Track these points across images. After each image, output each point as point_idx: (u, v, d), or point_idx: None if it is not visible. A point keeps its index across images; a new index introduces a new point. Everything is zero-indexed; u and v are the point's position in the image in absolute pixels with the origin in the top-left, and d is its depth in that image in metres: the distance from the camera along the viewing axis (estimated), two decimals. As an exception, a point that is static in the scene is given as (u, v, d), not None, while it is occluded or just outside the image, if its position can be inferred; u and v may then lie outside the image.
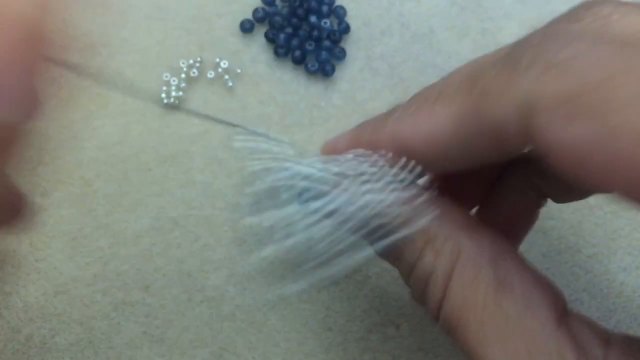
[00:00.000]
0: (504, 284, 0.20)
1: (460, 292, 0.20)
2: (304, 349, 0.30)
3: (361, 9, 0.33)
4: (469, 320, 0.20)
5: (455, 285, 0.20)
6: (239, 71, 0.32)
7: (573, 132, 0.16)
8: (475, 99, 0.19)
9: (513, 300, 0.19)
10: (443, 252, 0.21)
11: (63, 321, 0.29)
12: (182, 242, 0.30)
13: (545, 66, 0.17)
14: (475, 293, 0.20)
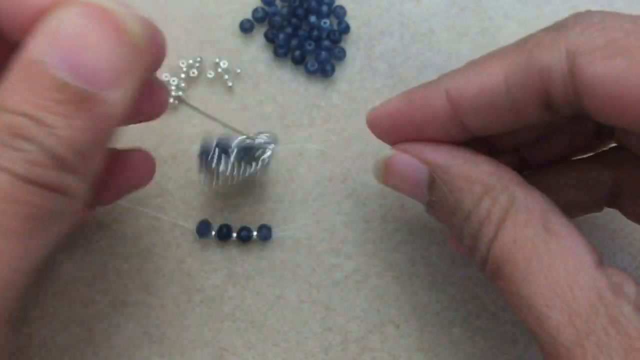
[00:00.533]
0: (552, 228, 0.22)
1: (512, 232, 0.22)
2: (304, 348, 0.30)
3: (361, 9, 0.33)
4: (518, 258, 0.21)
5: (508, 226, 0.22)
6: (239, 71, 0.32)
7: (611, 66, 0.20)
8: (527, 50, 0.22)
9: (558, 243, 0.21)
10: (499, 200, 0.23)
11: (62, 321, 0.29)
12: (182, 242, 0.30)
13: (587, 25, 0.21)
14: (525, 234, 0.22)
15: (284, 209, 0.31)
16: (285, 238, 0.31)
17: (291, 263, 0.30)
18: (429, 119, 0.25)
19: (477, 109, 0.23)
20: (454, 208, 0.24)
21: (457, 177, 0.24)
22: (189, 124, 0.31)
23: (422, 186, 0.25)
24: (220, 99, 0.32)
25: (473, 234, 0.23)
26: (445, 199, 0.24)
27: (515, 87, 0.22)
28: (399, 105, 0.25)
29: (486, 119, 0.24)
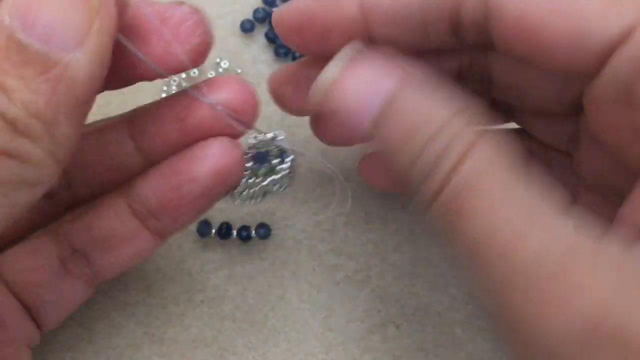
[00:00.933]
0: (522, 168, 0.19)
1: (478, 163, 0.19)
2: (305, 349, 0.30)
3: (362, 8, 0.33)
4: (483, 189, 0.18)
5: (473, 159, 0.19)
6: (240, 71, 0.32)
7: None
8: None
9: (529, 183, 0.18)
10: (464, 132, 0.19)
11: (63, 321, 0.29)
12: (183, 242, 0.30)
13: None
14: (494, 170, 0.19)
15: (285, 209, 0.31)
16: (286, 238, 0.31)
17: (292, 263, 0.30)
18: (336, 24, 0.23)
19: (387, 20, 0.22)
20: (408, 135, 0.20)
21: (412, 108, 0.20)
22: (190, 124, 0.31)
23: (377, 100, 0.21)
24: (221, 99, 0.32)
25: (427, 163, 0.19)
26: (399, 128, 0.20)
27: (428, 2, 0.22)
28: (307, 3, 0.23)
29: (395, 32, 0.22)
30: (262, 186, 0.28)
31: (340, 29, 0.23)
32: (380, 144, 0.21)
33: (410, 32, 0.22)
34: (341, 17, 0.23)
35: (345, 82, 0.21)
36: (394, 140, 0.20)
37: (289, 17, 0.24)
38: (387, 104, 0.20)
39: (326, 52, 0.22)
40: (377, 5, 0.22)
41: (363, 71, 0.21)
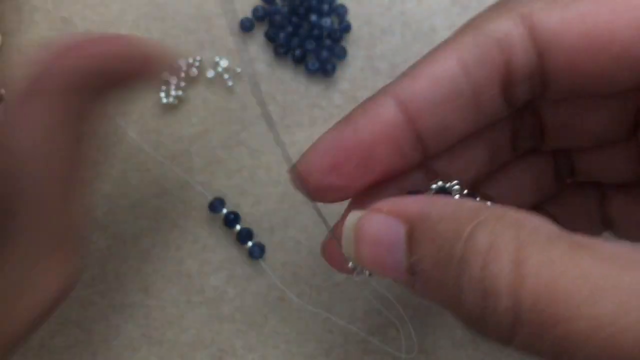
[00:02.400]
0: (576, 240, 0.16)
1: (538, 260, 0.15)
2: (305, 351, 0.30)
3: (362, 7, 0.33)
4: (565, 291, 0.15)
5: (531, 257, 0.15)
6: (239, 70, 0.32)
7: (571, 9, 0.18)
8: (479, 27, 0.20)
9: (594, 256, 0.15)
10: (504, 227, 0.16)
11: (61, 323, 0.29)
12: (182, 243, 0.30)
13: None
14: (552, 256, 0.15)
15: (285, 210, 0.31)
16: (286, 239, 0.30)
17: (292, 264, 0.30)
18: (379, 137, 0.20)
19: (432, 105, 0.20)
20: (445, 258, 0.17)
21: (441, 219, 0.17)
22: (189, 123, 0.31)
23: (400, 248, 0.18)
24: (220, 99, 0.32)
25: (479, 281, 0.16)
26: (430, 252, 0.17)
27: (473, 67, 0.20)
28: (336, 135, 0.21)
29: (444, 118, 0.20)
30: None
31: (385, 141, 0.20)
32: (421, 287, 0.18)
33: (460, 111, 0.20)
34: (381, 128, 0.20)
35: (364, 226, 0.19)
36: (431, 279, 0.17)
37: (319, 159, 0.21)
38: (409, 236, 0.18)
39: (372, 178, 0.21)
40: (417, 95, 0.20)
41: (377, 213, 0.19)
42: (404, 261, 0.18)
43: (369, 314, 0.30)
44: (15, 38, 0.32)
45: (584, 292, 0.14)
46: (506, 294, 0.15)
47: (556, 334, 0.15)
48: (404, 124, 0.20)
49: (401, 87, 0.20)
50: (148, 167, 0.31)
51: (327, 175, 0.21)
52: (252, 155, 0.31)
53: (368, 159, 0.21)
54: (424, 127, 0.20)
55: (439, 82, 0.20)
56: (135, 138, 0.31)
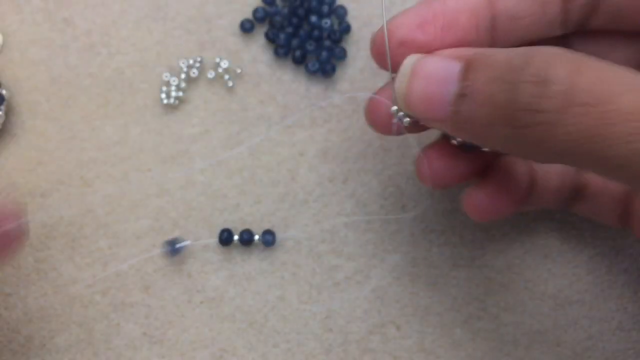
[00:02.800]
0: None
1: (594, 67, 0.19)
2: (304, 350, 0.30)
3: (362, 8, 0.33)
4: (616, 79, 0.19)
5: (586, 63, 0.19)
6: (239, 71, 0.32)
7: None
8: None
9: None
10: (560, 49, 0.20)
11: (62, 322, 0.29)
12: (182, 243, 0.30)
13: None
14: (609, 67, 0.19)
15: (285, 210, 0.31)
16: (286, 239, 0.31)
17: (292, 264, 0.30)
18: (463, 9, 0.24)
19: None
20: (503, 71, 0.20)
21: (497, 52, 0.21)
22: (189, 124, 0.31)
23: (453, 80, 0.21)
24: (221, 99, 0.32)
25: (539, 73, 0.19)
26: (485, 73, 0.21)
27: None
28: (427, 2, 0.24)
29: (517, 5, 0.24)
30: None
31: (468, 13, 0.24)
32: (467, 107, 0.21)
33: (531, 3, 0.24)
34: (467, 1, 0.24)
35: (422, 65, 0.22)
36: (483, 90, 0.20)
37: (409, 18, 0.24)
38: (465, 67, 0.21)
39: (450, 44, 0.23)
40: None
41: (436, 56, 0.23)
42: (454, 91, 0.21)
43: (369, 313, 0.30)
44: (16, 38, 0.32)
45: (629, 82, 0.18)
46: (565, 78, 0.19)
47: (605, 109, 0.18)
48: (486, 2, 0.24)
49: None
50: (149, 167, 0.31)
51: (413, 30, 0.24)
52: (252, 155, 0.31)
53: (451, 25, 0.24)
54: (501, 8, 0.24)
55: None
56: (137, 139, 0.31)
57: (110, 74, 0.32)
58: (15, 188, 0.26)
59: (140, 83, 0.32)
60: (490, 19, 0.24)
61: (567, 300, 0.30)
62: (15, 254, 0.25)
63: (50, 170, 0.31)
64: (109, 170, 0.31)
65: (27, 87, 0.31)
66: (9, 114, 0.31)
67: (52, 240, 0.30)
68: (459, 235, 0.31)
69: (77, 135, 0.31)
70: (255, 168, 0.31)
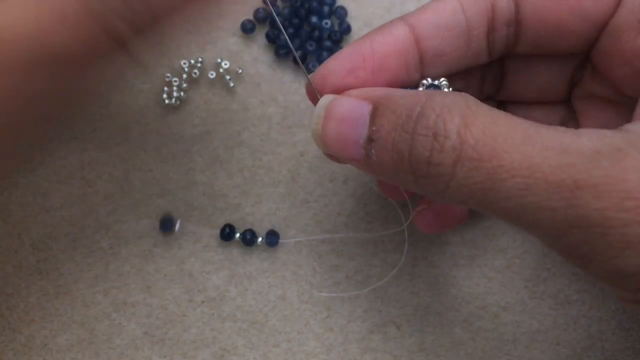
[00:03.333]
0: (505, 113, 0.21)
1: (484, 118, 0.20)
2: (305, 349, 0.30)
3: (362, 9, 0.33)
4: (503, 135, 0.20)
5: (477, 113, 0.20)
6: (240, 71, 0.32)
7: None
8: None
9: (525, 121, 0.21)
10: (454, 98, 0.21)
11: (64, 322, 0.29)
12: (183, 243, 0.30)
13: None
14: (489, 119, 0.20)
15: (285, 210, 0.31)
16: (287, 238, 0.31)
17: (292, 264, 0.30)
18: (391, 51, 0.24)
19: (435, 29, 0.24)
20: (403, 119, 0.21)
21: (403, 96, 0.22)
22: (191, 124, 0.31)
23: (363, 123, 0.22)
24: (222, 100, 0.32)
25: (432, 126, 0.20)
26: (390, 118, 0.21)
27: (468, 4, 0.24)
28: (356, 46, 0.24)
29: (442, 42, 0.24)
30: None
31: (396, 54, 0.24)
32: (377, 156, 0.22)
33: (455, 40, 0.25)
34: (394, 42, 0.24)
35: (334, 107, 0.23)
36: (386, 140, 0.21)
37: (340, 65, 0.24)
38: (373, 110, 0.22)
39: (384, 82, 0.25)
40: (425, 21, 0.24)
41: (347, 97, 0.23)
42: (364, 135, 0.22)
43: (369, 313, 0.30)
44: (17, 39, 0.32)
45: (518, 137, 0.19)
46: (454, 133, 0.20)
47: (492, 164, 0.19)
48: (412, 43, 0.24)
49: (412, 15, 0.25)
50: (150, 167, 0.31)
51: (345, 76, 0.24)
52: (253, 156, 0.31)
53: (381, 68, 0.24)
54: (427, 47, 0.24)
55: (441, 13, 0.24)
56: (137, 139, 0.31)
57: (111, 74, 0.32)
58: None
59: (141, 83, 0.32)
60: (417, 58, 0.25)
61: (566, 300, 0.30)
62: None
63: (52, 170, 0.31)
64: (110, 170, 0.31)
65: (29, 87, 0.31)
66: (11, 114, 0.31)
67: (53, 240, 0.30)
68: (459, 235, 0.31)
69: (78, 135, 0.31)
70: (256, 168, 0.31)
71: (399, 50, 0.24)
